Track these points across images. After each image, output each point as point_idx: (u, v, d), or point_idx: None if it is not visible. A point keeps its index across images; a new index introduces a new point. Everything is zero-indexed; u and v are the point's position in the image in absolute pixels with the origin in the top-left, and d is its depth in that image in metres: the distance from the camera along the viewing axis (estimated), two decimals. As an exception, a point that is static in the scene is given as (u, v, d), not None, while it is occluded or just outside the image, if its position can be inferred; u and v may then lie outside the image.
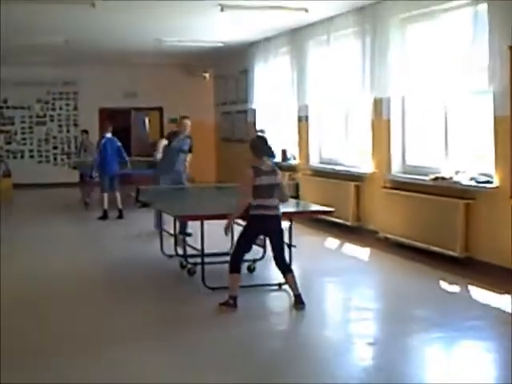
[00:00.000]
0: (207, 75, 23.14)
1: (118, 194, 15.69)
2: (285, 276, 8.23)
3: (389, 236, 11.74)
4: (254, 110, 18.09)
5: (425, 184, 10.91)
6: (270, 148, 8.21)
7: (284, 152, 16.23)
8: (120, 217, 15.45)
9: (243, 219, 8.23)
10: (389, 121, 12.04)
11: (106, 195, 15.60)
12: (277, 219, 8.11)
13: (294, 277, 8.21)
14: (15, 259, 10.94)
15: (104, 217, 15.41)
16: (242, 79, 18.86)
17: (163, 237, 10.87)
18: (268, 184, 7.99)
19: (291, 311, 8.17)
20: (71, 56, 20.15)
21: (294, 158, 15.89)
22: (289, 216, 8.82)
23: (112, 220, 15.27)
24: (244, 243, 8.17)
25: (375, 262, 10.91)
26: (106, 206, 15.49)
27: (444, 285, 9.07)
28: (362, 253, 11.42)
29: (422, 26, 11.24)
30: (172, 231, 10.58)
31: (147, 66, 22.91)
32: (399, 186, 11.70)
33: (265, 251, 9.83)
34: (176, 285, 9.38)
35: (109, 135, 15.93)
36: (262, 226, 8.14)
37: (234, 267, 8.12)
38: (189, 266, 9.63)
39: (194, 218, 8.46)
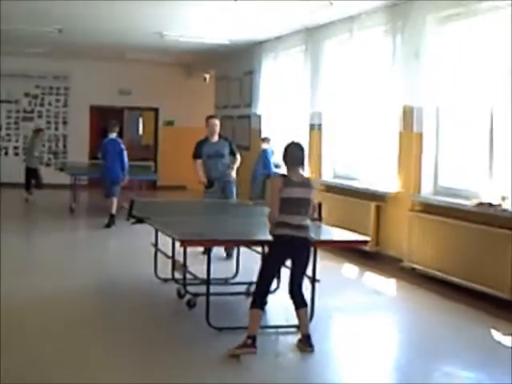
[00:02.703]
0: (207, 76, 21.69)
1: (115, 200, 14.29)
2: (297, 310, 6.91)
3: (416, 267, 10.25)
4: (259, 116, 16.58)
5: (464, 209, 9.43)
6: (300, 157, 6.88)
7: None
8: (108, 225, 14.11)
9: None
10: (420, 134, 10.55)
11: (114, 200, 14.30)
12: (306, 242, 6.79)
13: (306, 313, 6.96)
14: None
15: (109, 223, 14.13)
16: (247, 81, 17.36)
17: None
18: (298, 197, 6.71)
19: (312, 366, 6.66)
20: (64, 48, 18.67)
21: (303, 171, 14.34)
22: (314, 245, 7.28)
23: (100, 230, 13.81)
24: (267, 272, 6.81)
25: (405, 299, 9.38)
26: (113, 211, 14.21)
27: (497, 336, 7.52)
28: (387, 285, 9.93)
29: (464, 25, 9.82)
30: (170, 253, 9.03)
31: (144, 64, 21.62)
32: (431, 209, 10.21)
33: (279, 282, 8.26)
34: (172, 321, 7.82)
35: (113, 136, 14.64)
36: (288, 250, 6.75)
37: (256, 302, 6.73)
38: (188, 296, 8.12)
39: (200, 244, 6.94)
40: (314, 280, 7.41)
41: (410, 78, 10.46)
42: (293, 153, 6.87)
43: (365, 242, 7.83)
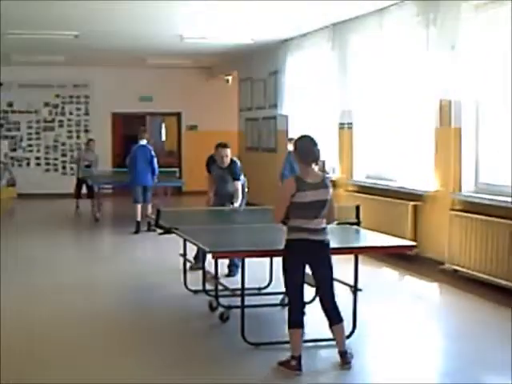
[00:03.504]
0: (229, 78, 21.20)
1: (149, 206, 14.25)
2: (331, 325, 6.24)
3: (459, 269, 9.70)
4: (286, 116, 16.06)
5: (509, 207, 8.87)
6: (317, 151, 6.08)
7: (322, 164, 14.20)
8: (149, 230, 13.79)
9: None
10: (459, 128, 10.00)
11: (138, 206, 14.21)
12: (323, 245, 6.09)
13: (343, 329, 6.26)
14: (6, 294, 8.91)
15: (136, 230, 14.02)
16: (272, 81, 16.85)
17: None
18: (313, 201, 5.98)
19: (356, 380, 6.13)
20: (82, 55, 18.28)
21: (334, 171, 13.85)
22: (355, 252, 6.76)
23: (125, 239, 13.43)
24: (291, 285, 6.13)
25: (449, 304, 8.81)
26: (138, 218, 14.09)
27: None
28: (430, 290, 9.41)
29: (503, 11, 9.19)
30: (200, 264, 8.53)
31: (164, 68, 21.23)
32: (472, 208, 9.65)
33: (316, 291, 7.71)
34: (205, 336, 7.27)
35: (143, 142, 14.53)
36: (303, 255, 6.05)
37: (292, 320, 6.11)
38: (221, 309, 7.62)
39: (233, 255, 6.42)
40: (355, 289, 6.88)
41: (447, 71, 9.89)
42: (305, 147, 6.07)
43: (411, 247, 7.20)
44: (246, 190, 10.36)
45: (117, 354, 6.73)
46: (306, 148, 6.07)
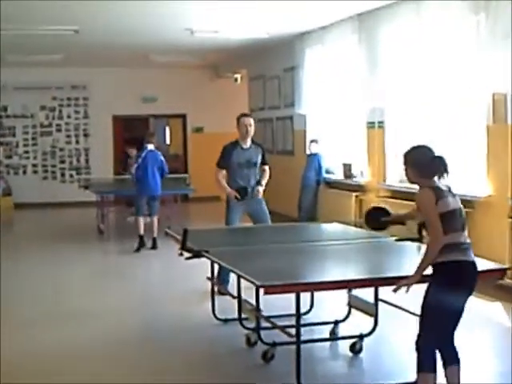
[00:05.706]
0: (238, 77, 19.99)
1: (155, 219, 12.86)
2: (446, 367, 5.06)
3: (524, 285, 8.55)
4: (304, 116, 14.86)
5: None
6: (441, 162, 5.19)
7: (347, 167, 13.04)
8: (154, 247, 12.64)
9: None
10: (516, 126, 8.86)
11: (141, 219, 12.83)
12: (477, 270, 5.14)
13: (458, 372, 5.05)
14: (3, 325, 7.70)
15: (140, 246, 12.65)
16: (287, 78, 15.62)
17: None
18: (456, 209, 5.15)
19: None
20: (81, 53, 17.04)
21: (362, 175, 12.66)
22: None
23: (143, 252, 12.45)
24: (443, 326, 5.00)
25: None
26: (141, 231, 12.74)
27: None
28: (493, 310, 8.25)
29: None
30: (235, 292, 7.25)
31: (168, 67, 20.12)
32: (536, 215, 8.50)
33: (376, 323, 6.54)
34: (246, 380, 5.98)
35: (151, 147, 13.04)
36: (467, 282, 5.03)
37: (426, 362, 4.93)
38: (261, 344, 6.38)
39: (291, 290, 5.17)
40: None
41: (501, 61, 8.73)
42: (423, 159, 5.14)
43: (505, 271, 5.97)
44: None
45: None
46: (425, 160, 5.13)
